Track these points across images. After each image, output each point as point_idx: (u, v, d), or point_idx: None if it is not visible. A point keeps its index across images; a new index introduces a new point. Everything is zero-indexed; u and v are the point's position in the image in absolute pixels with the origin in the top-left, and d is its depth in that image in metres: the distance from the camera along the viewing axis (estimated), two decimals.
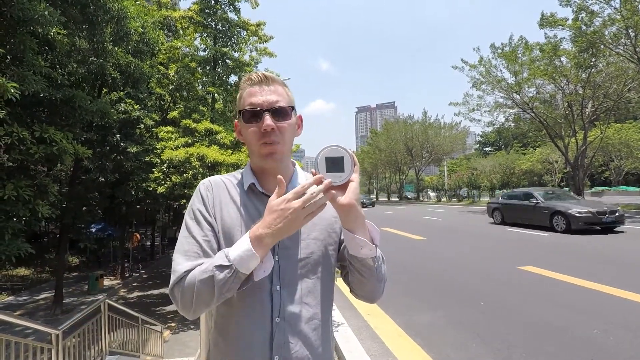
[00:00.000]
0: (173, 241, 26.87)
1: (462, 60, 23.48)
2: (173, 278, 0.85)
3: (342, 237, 0.98)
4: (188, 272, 0.84)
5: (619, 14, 16.04)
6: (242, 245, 0.80)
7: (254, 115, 0.90)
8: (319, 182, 0.80)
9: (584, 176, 22.14)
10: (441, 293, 5.71)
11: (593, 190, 35.04)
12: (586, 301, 4.80)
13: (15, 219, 6.25)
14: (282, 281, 0.90)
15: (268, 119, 0.89)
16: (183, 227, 0.93)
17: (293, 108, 0.96)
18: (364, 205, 33.67)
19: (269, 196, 0.91)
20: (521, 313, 4.54)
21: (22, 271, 16.54)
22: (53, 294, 12.19)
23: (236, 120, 0.99)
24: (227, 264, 0.79)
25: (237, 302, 0.90)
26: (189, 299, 0.82)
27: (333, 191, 0.81)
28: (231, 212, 0.94)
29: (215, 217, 0.93)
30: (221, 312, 0.94)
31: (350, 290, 1.00)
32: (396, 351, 3.63)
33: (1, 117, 5.74)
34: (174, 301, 0.86)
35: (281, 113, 0.91)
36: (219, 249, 0.91)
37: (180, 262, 0.86)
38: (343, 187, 0.83)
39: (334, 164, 0.84)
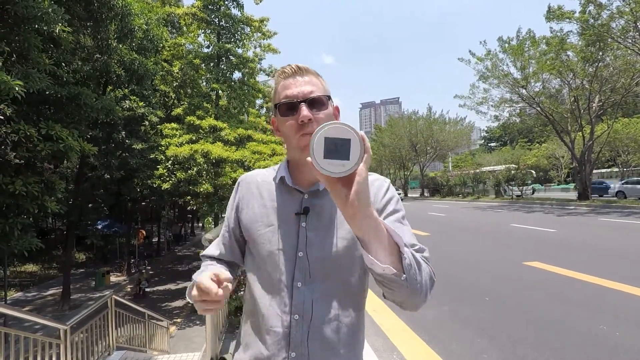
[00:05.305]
0: (178, 237, 27.01)
1: (469, 51, 23.28)
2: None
3: None
4: (204, 256, 1.07)
5: (628, 6, 15.80)
6: None
7: (290, 107, 0.88)
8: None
9: (591, 171, 21.93)
10: (446, 289, 5.69)
11: None
12: (593, 297, 4.76)
13: (24, 215, 6.34)
14: (304, 278, 0.87)
15: (305, 110, 0.86)
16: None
17: (329, 97, 0.93)
18: None
19: (300, 191, 0.92)
20: (526, 309, 4.52)
21: (30, 267, 16.75)
22: (61, 290, 12.35)
23: (273, 117, 0.96)
24: None
25: (259, 294, 0.90)
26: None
27: (335, 187, 0.66)
28: (255, 206, 0.96)
29: (241, 210, 0.99)
30: (248, 301, 0.98)
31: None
32: (401, 346, 3.63)
33: (8, 114, 5.79)
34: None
35: (317, 103, 0.89)
36: (237, 241, 1.02)
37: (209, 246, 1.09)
38: (348, 181, 0.66)
39: (337, 148, 0.63)
